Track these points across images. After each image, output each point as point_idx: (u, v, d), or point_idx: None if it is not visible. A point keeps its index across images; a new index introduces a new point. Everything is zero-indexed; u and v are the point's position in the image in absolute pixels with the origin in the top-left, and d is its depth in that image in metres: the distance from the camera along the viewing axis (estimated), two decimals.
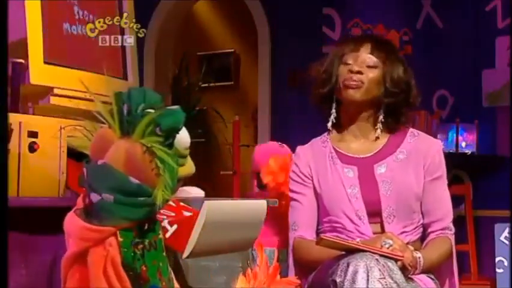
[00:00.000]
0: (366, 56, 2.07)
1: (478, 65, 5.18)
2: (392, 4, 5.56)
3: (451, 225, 2.09)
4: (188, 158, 1.40)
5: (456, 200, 4.64)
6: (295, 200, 2.13)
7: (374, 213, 2.02)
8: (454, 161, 4.89)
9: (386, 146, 2.10)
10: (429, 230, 2.07)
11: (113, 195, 1.26)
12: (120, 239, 1.28)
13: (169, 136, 1.29)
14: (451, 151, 4.92)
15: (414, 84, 2.12)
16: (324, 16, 5.74)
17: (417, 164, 2.06)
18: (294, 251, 2.11)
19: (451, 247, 2.06)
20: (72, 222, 1.31)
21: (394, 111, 2.10)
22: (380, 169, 2.05)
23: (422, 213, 2.07)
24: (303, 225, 2.09)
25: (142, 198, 1.27)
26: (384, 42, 2.16)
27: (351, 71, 2.05)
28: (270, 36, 6.02)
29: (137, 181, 1.26)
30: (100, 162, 1.28)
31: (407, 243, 1.98)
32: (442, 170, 2.10)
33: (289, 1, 5.85)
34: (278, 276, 1.58)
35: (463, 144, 5.05)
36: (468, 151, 5.04)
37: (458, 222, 2.13)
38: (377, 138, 2.10)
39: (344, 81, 2.05)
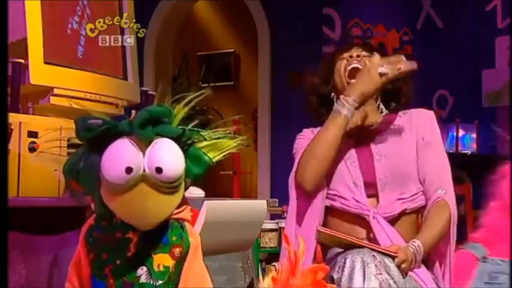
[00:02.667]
0: (358, 51, 2.11)
1: (478, 65, 5.19)
2: (392, 4, 5.56)
3: (446, 186, 2.05)
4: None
5: (456, 200, 4.61)
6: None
7: (369, 183, 2.04)
8: (454, 161, 4.88)
9: (380, 123, 2.14)
10: (426, 197, 2.06)
11: None
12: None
13: None
14: (451, 151, 4.92)
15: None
16: (324, 16, 5.74)
17: (410, 134, 2.10)
18: (297, 166, 2.05)
19: (448, 211, 2.02)
20: None
21: (395, 96, 2.15)
22: (375, 141, 2.09)
23: (420, 182, 2.08)
24: None
25: None
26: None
27: (350, 57, 2.10)
28: (270, 36, 6.02)
29: None
30: None
31: (405, 209, 2.01)
32: (433, 136, 2.11)
33: (289, 1, 5.85)
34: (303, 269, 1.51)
35: (463, 144, 5.05)
36: (468, 151, 5.04)
37: (458, 222, 2.11)
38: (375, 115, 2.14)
39: (346, 70, 2.09)
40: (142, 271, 1.36)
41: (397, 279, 1.78)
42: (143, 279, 1.36)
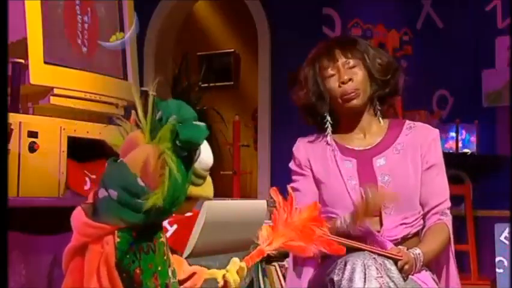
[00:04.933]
0: (343, 60, 2.07)
1: (478, 65, 5.19)
2: (392, 4, 5.56)
3: (447, 211, 2.08)
4: (209, 181, 1.39)
5: (456, 200, 4.63)
6: (296, 189, 2.10)
7: None
8: (454, 161, 4.89)
9: (384, 140, 2.10)
10: (427, 218, 2.06)
11: (117, 192, 1.27)
12: (117, 239, 1.27)
13: (185, 148, 1.28)
14: (450, 151, 4.92)
15: (395, 62, 2.14)
16: (324, 16, 5.75)
17: (414, 155, 2.07)
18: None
19: (449, 234, 2.05)
20: (76, 215, 1.31)
21: (387, 98, 2.13)
22: (379, 162, 2.06)
23: (421, 204, 2.07)
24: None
25: (141, 201, 1.27)
26: (348, 39, 2.17)
27: (343, 83, 2.05)
28: (270, 36, 6.02)
29: (143, 184, 1.26)
30: (119, 160, 1.30)
31: (407, 234, 1.99)
32: (437, 158, 2.09)
33: (289, 1, 5.85)
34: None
35: (463, 144, 5.05)
36: (468, 151, 5.05)
37: (458, 222, 2.12)
38: (378, 128, 2.11)
39: (342, 96, 2.05)
40: (171, 271, 1.38)
41: (398, 282, 1.78)
42: (172, 279, 1.38)
